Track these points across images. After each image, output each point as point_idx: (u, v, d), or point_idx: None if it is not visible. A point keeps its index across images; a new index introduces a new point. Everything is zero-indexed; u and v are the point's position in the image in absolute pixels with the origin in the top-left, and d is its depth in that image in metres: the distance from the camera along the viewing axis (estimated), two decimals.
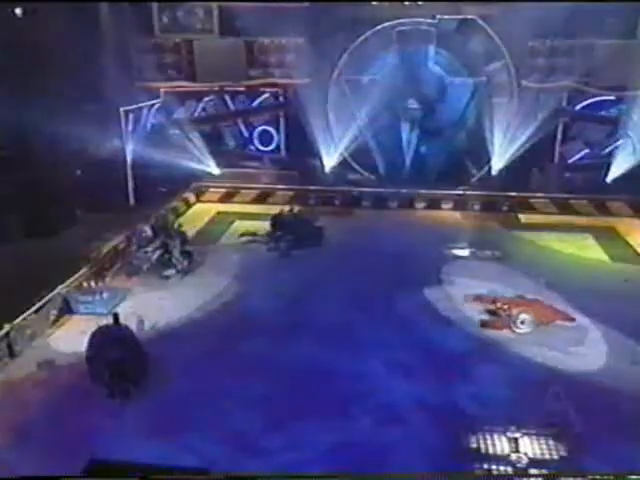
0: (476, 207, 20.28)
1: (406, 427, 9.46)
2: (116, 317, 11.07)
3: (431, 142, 21.86)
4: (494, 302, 13.10)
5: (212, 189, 21.63)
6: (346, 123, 21.50)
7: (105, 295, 13.19)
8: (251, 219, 19.28)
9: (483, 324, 12.69)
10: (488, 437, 8.93)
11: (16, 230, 16.53)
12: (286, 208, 18.37)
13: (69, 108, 16.67)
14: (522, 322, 12.33)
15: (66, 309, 12.94)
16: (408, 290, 14.04)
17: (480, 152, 21.13)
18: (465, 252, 16.40)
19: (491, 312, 13.05)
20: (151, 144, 20.32)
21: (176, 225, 16.62)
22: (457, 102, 21.33)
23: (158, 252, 14.98)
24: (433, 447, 8.95)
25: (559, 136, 21.36)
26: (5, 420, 9.52)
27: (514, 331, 12.34)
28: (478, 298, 13.57)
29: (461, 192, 20.82)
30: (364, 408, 9.87)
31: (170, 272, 14.87)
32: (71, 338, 11.87)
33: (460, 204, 20.42)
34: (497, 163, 21.00)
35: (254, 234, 17.41)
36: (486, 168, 21.29)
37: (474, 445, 8.85)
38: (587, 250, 16.91)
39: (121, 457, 8.27)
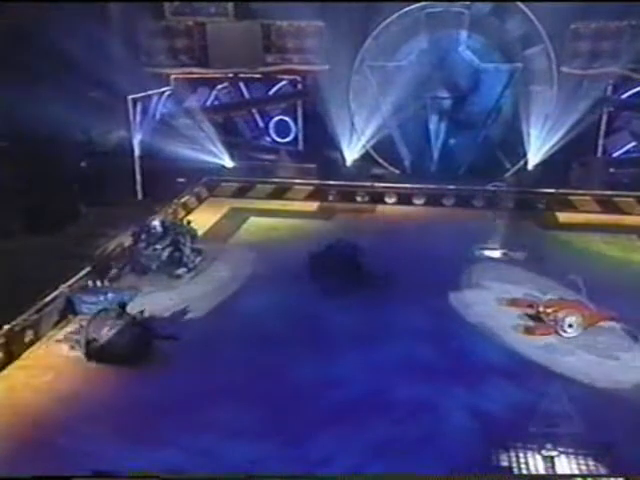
0: (510, 205, 19.56)
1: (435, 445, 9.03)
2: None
3: (461, 134, 21.49)
4: (532, 306, 12.76)
5: (225, 183, 21.41)
6: (369, 113, 21.25)
7: (110, 295, 12.96)
8: (266, 216, 19.08)
9: (527, 330, 12.28)
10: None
11: (16, 226, 16.41)
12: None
13: (73, 96, 16.59)
14: (570, 325, 11.98)
15: (70, 309, 12.72)
16: (437, 294, 13.54)
17: (515, 145, 20.71)
18: (497, 253, 15.98)
19: (533, 317, 12.64)
20: (160, 135, 20.16)
21: (186, 221, 16.39)
22: (490, 90, 20.92)
23: (168, 250, 14.80)
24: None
25: (603, 127, 20.83)
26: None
27: (561, 335, 11.96)
28: (514, 302, 13.21)
29: (494, 188, 20.29)
30: (397, 425, 9.43)
31: (181, 271, 14.71)
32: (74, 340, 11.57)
33: (492, 201, 19.81)
34: (534, 157, 20.56)
35: None
36: (521, 162, 20.87)
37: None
38: (633, 253, 16.35)
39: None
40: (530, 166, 20.72)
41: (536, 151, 20.50)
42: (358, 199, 20.57)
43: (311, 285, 13.82)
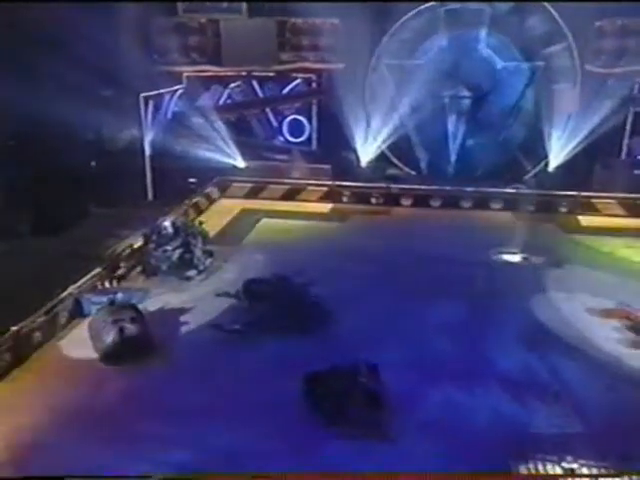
0: (530, 208, 19.49)
1: None
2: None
3: (480, 134, 21.41)
4: (629, 317, 12.24)
5: (237, 184, 21.41)
6: (385, 113, 21.20)
7: (120, 296, 13.05)
8: (279, 217, 19.09)
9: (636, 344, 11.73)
10: None
11: (23, 226, 16.59)
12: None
13: (84, 93, 16.68)
14: None
15: (78, 311, 12.82)
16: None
17: (536, 146, 20.62)
18: (517, 258, 15.86)
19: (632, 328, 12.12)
20: (172, 134, 20.25)
21: (197, 222, 16.47)
22: (511, 90, 20.86)
23: (179, 251, 14.82)
24: None
25: (628, 128, 20.59)
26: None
27: None
28: (609, 313, 12.64)
29: (513, 190, 20.21)
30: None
31: (192, 273, 14.73)
32: (83, 342, 11.72)
33: (512, 204, 19.78)
34: (555, 158, 20.39)
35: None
36: (542, 164, 20.73)
37: None
38: None
39: None
40: (551, 168, 20.56)
41: (558, 152, 20.33)
42: (373, 201, 20.48)
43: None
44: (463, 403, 10.06)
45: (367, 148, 21.53)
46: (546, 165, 20.67)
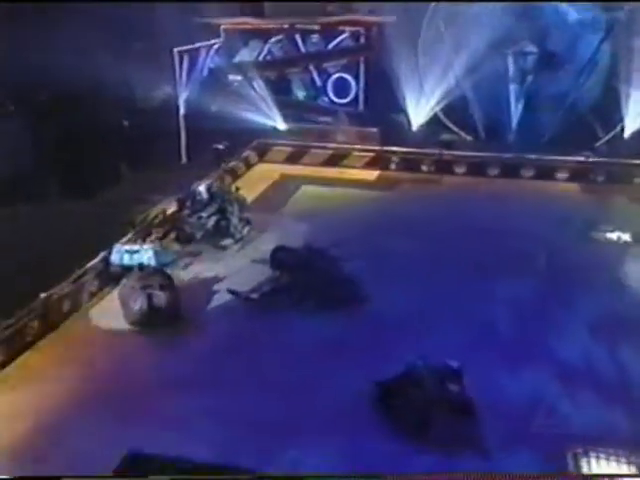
0: (600, 178, 19.03)
1: None
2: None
3: (547, 95, 20.57)
4: None
5: (277, 147, 21.33)
6: (440, 71, 20.66)
7: (152, 252, 13.10)
8: (320, 184, 18.94)
9: None
10: None
11: (51, 189, 16.76)
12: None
13: (115, 46, 16.65)
14: None
15: (109, 264, 12.94)
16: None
17: (610, 109, 19.80)
18: (588, 233, 15.29)
19: None
20: (208, 92, 20.26)
21: (234, 188, 16.36)
22: (584, 45, 19.96)
23: (214, 218, 14.83)
24: None
25: None
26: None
27: None
28: None
29: (582, 159, 19.59)
30: None
31: (228, 242, 14.72)
32: (113, 312, 11.88)
33: (580, 174, 19.26)
34: (632, 123, 19.62)
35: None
36: (617, 130, 19.95)
37: None
38: None
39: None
40: (627, 134, 19.78)
41: (635, 117, 19.55)
42: (424, 168, 20.25)
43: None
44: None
45: (419, 110, 21.20)
46: (621, 131, 19.92)
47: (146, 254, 12.96)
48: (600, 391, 9.72)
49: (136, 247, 13.03)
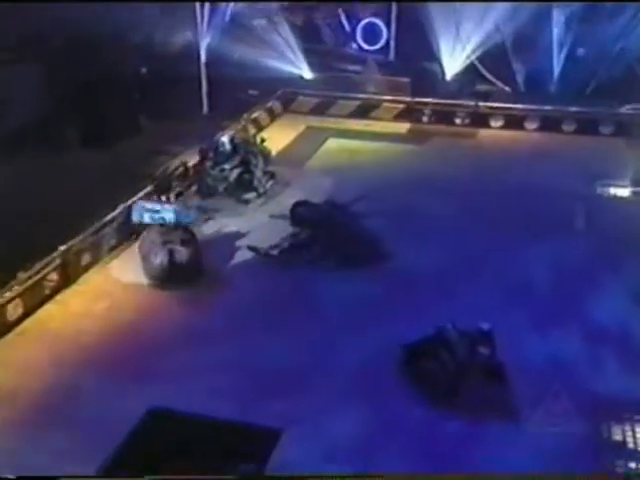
0: None
1: None
2: None
3: (592, 44, 20.17)
4: None
5: (303, 97, 21.19)
6: (477, 17, 20.29)
7: (174, 208, 13.12)
8: (348, 137, 18.83)
9: None
10: None
11: (68, 139, 16.85)
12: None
13: None
14: None
15: (130, 220, 13.06)
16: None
17: None
18: (626, 191, 15.34)
19: None
20: (231, 38, 20.03)
21: (259, 139, 16.31)
22: None
23: (237, 171, 14.82)
24: None
25: None
26: None
27: None
28: None
29: (630, 111, 19.21)
30: None
31: (251, 195, 14.75)
32: (134, 266, 12.07)
33: (626, 128, 18.78)
34: None
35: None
36: None
37: None
38: None
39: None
40: None
41: None
42: (458, 121, 20.04)
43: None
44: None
45: (454, 58, 20.98)
46: None
47: (167, 214, 12.92)
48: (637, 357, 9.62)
49: (157, 207, 13.03)
